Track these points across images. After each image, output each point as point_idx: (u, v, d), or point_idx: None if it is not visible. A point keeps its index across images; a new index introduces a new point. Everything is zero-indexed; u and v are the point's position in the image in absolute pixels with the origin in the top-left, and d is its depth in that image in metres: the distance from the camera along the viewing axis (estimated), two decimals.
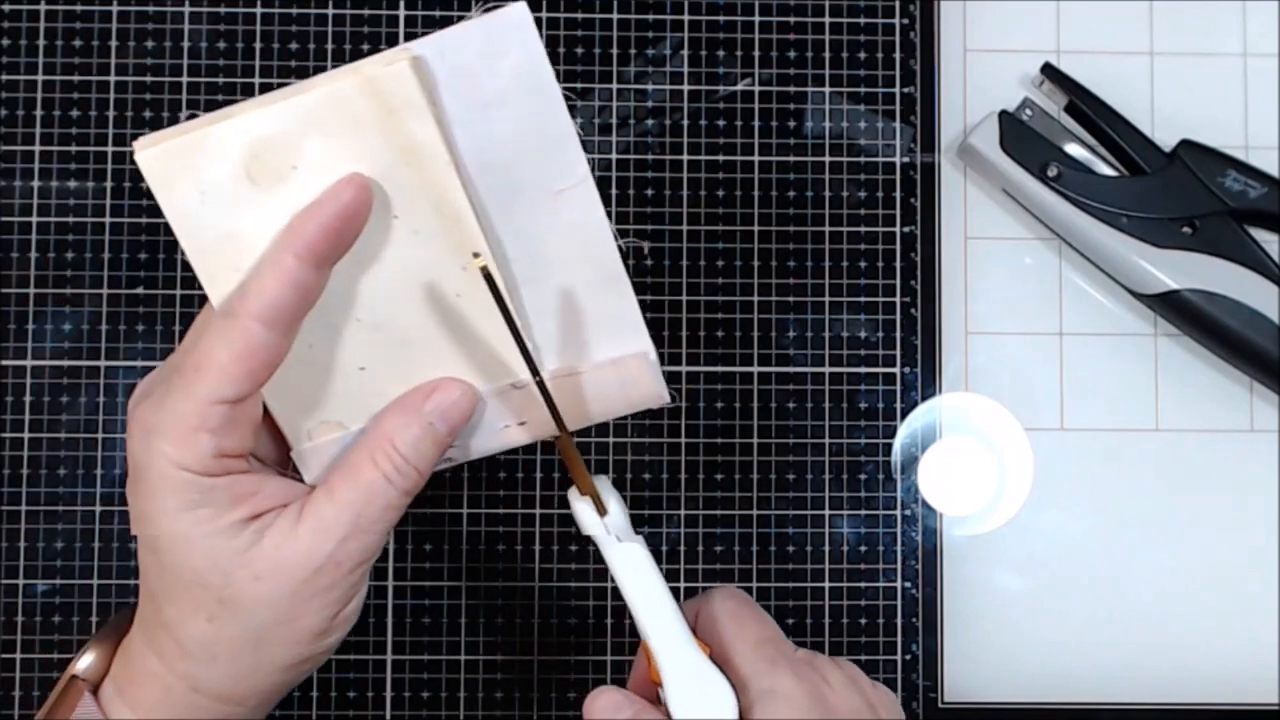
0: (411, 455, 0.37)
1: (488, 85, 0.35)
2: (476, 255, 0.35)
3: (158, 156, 0.35)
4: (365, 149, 0.35)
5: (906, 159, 0.52)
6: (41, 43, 0.51)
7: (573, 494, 0.39)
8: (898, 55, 0.52)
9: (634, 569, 0.38)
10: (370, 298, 0.37)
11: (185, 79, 0.51)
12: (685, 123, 0.52)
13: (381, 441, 0.37)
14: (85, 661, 0.39)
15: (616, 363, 0.39)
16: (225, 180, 0.35)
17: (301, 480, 0.39)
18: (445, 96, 0.35)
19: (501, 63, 0.35)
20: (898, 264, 0.52)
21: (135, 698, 0.37)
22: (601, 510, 0.38)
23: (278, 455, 0.39)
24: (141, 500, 0.35)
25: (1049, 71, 0.52)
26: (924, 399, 0.51)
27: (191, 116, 0.36)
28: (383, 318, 0.37)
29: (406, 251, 0.36)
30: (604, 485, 0.39)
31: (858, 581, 0.51)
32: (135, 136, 0.51)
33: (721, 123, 0.52)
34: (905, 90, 0.52)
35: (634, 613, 0.38)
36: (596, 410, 0.40)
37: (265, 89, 0.51)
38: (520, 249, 0.37)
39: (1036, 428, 0.52)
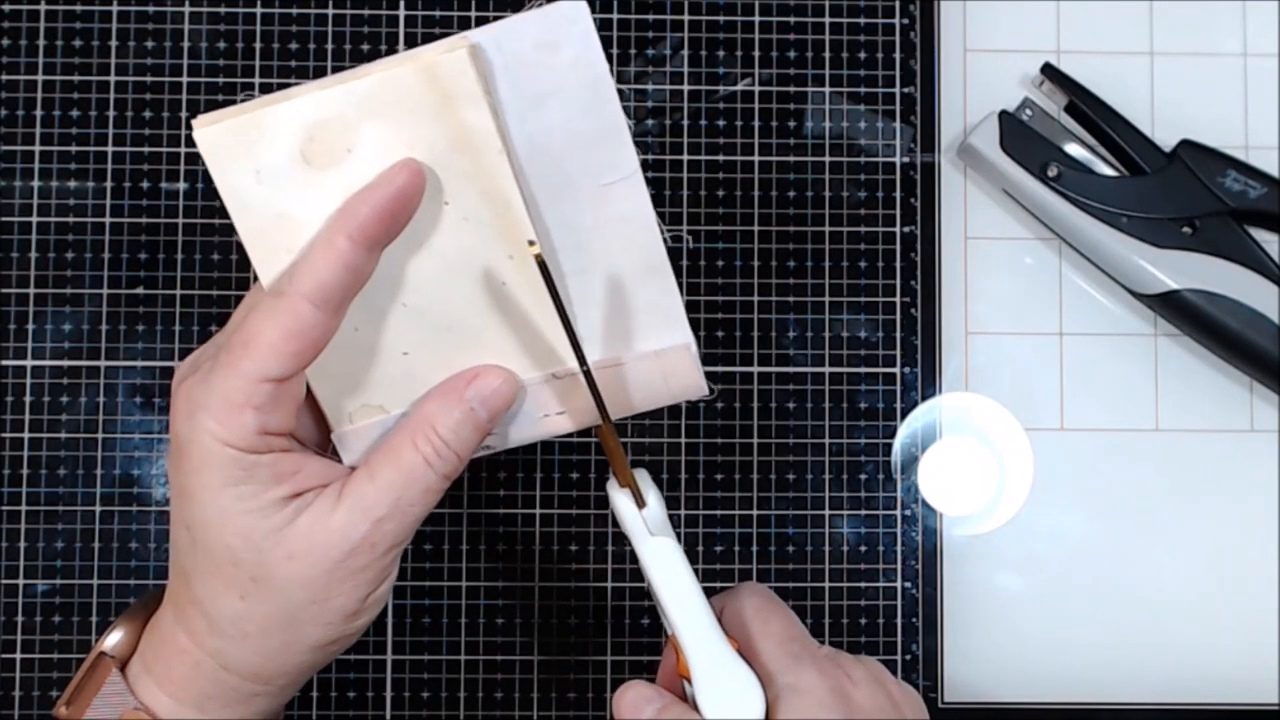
0: (452, 440, 0.37)
1: (543, 76, 0.36)
2: (532, 243, 0.35)
3: (216, 135, 0.35)
4: (420, 135, 0.35)
5: (906, 159, 0.52)
6: (41, 43, 0.51)
7: (612, 485, 0.39)
8: (898, 55, 0.52)
9: (666, 563, 0.38)
10: (417, 283, 0.37)
11: (185, 79, 0.51)
12: (685, 123, 0.52)
13: (423, 425, 0.37)
14: (113, 639, 0.39)
15: (659, 354, 0.39)
16: (281, 161, 0.35)
17: (340, 462, 0.39)
18: (500, 86, 0.36)
19: (557, 55, 0.35)
20: (898, 264, 0.52)
21: (163, 674, 0.37)
22: (640, 502, 0.38)
23: (318, 437, 0.39)
24: (183, 475, 0.35)
25: (1049, 71, 0.52)
26: (924, 399, 0.51)
27: (209, 107, 0.36)
28: (428, 303, 0.37)
29: (455, 238, 0.36)
30: (644, 479, 0.39)
31: (858, 581, 0.51)
32: (135, 137, 0.51)
33: (721, 123, 0.52)
34: (905, 90, 0.52)
35: (664, 607, 0.37)
36: (638, 400, 0.40)
37: (265, 89, 0.51)
38: (566, 239, 0.38)
39: (1036, 428, 0.52)
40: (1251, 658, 0.51)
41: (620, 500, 0.38)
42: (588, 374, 0.36)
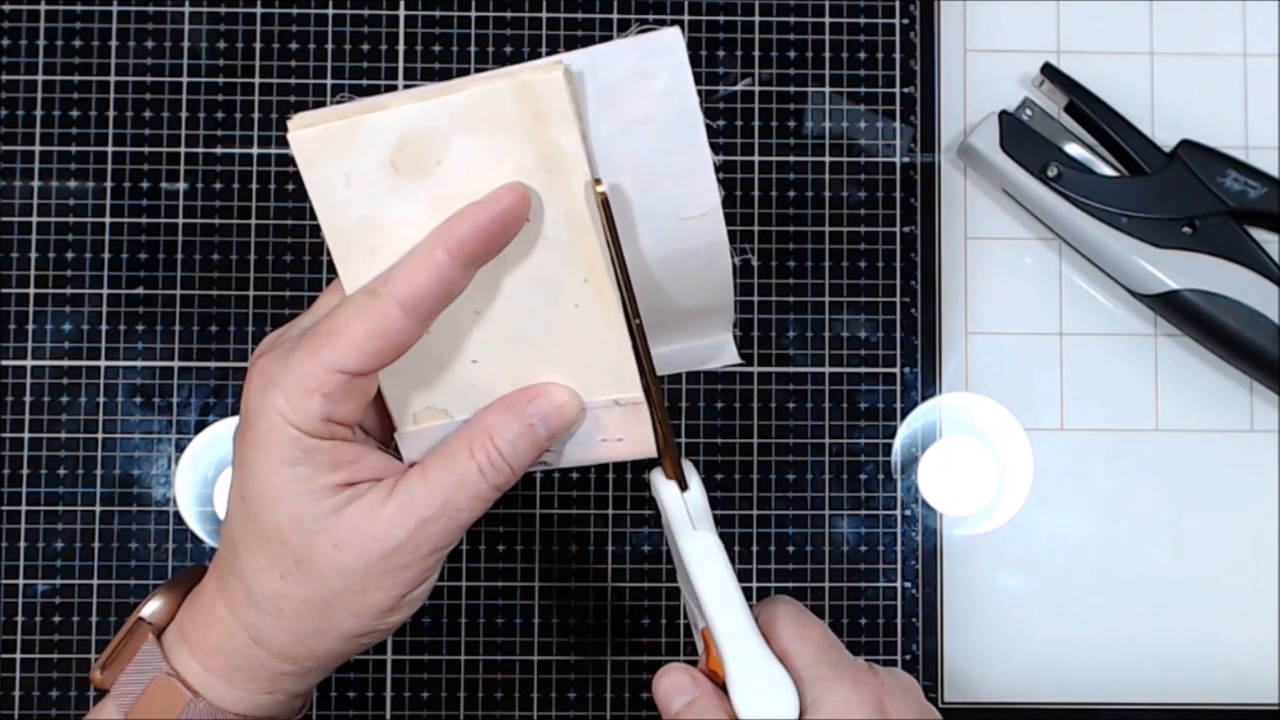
0: (508, 452, 0.37)
1: (633, 105, 0.36)
2: (598, 181, 0.35)
3: (310, 138, 0.35)
4: (509, 151, 0.35)
5: (906, 159, 0.52)
6: (41, 43, 0.51)
7: (656, 474, 0.39)
8: (898, 55, 0.52)
9: (707, 558, 0.38)
10: (493, 295, 0.37)
11: (185, 79, 0.51)
12: None
13: (481, 434, 0.37)
14: (152, 606, 0.40)
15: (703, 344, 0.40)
16: (371, 168, 0.36)
17: (400, 459, 0.39)
18: (590, 111, 0.36)
19: (649, 85, 0.36)
20: (898, 264, 0.52)
21: (197, 642, 0.38)
22: (683, 486, 0.38)
23: (382, 432, 0.40)
24: (245, 448, 0.36)
25: (1049, 71, 0.52)
26: (924, 399, 0.51)
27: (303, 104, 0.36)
28: (502, 315, 0.38)
29: (534, 255, 0.37)
30: (688, 467, 0.39)
31: (858, 581, 0.51)
32: (135, 137, 0.51)
33: (721, 123, 0.52)
34: (905, 90, 0.52)
35: (701, 602, 0.37)
36: (668, 366, 0.41)
37: (265, 89, 0.51)
38: (639, 271, 0.38)
39: (1036, 428, 0.52)
40: (1251, 658, 0.51)
41: (665, 489, 0.38)
42: (639, 328, 0.36)
